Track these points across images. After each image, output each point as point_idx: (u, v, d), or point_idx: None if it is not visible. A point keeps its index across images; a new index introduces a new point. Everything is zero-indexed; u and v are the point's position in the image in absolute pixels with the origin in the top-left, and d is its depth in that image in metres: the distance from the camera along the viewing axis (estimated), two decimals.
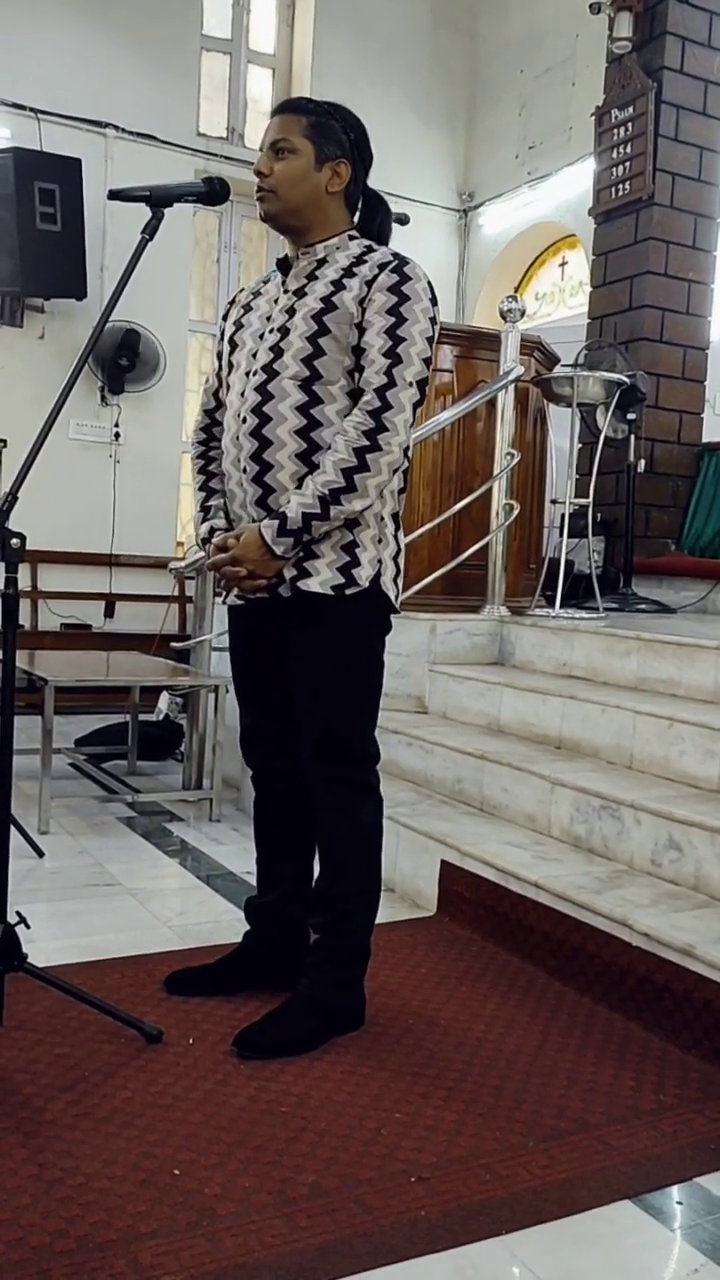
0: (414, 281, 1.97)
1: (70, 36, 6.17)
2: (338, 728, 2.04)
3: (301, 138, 2.00)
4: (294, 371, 1.97)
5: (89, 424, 6.39)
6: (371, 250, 2.03)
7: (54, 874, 3.00)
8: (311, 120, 2.02)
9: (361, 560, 1.98)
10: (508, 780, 3.01)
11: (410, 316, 1.95)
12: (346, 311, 1.96)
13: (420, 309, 1.96)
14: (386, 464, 1.92)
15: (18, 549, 1.86)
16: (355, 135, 2.06)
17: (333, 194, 2.04)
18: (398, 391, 1.92)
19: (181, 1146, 1.65)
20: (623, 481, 5.26)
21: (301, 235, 2.06)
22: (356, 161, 2.07)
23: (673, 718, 2.85)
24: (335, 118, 2.04)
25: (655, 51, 5.47)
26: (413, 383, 1.94)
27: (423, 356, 1.96)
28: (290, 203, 2.02)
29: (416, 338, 1.95)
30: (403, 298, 1.95)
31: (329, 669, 2.02)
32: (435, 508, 4.05)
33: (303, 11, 7.04)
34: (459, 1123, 1.76)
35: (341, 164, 2.03)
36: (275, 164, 2.01)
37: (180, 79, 6.57)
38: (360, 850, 2.08)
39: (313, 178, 2.01)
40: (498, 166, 7.20)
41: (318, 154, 2.01)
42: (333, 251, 2.04)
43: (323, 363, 1.96)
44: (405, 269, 1.98)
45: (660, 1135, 1.76)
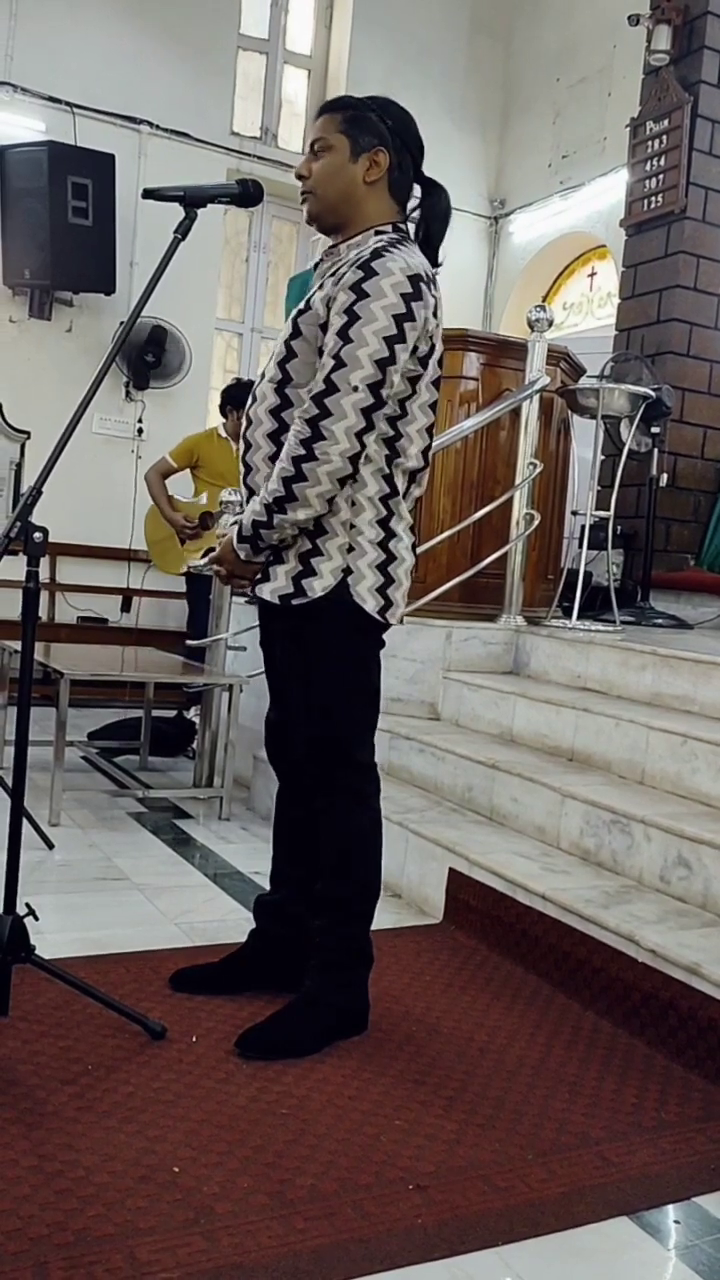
0: (379, 278, 1.86)
1: (107, 32, 6.20)
2: (324, 735, 2.04)
3: (337, 133, 1.99)
4: (271, 374, 1.99)
5: (113, 419, 6.41)
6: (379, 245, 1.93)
7: (63, 866, 3.02)
8: (348, 115, 2.00)
9: (320, 570, 1.94)
10: (518, 790, 3.01)
11: (365, 315, 1.85)
12: (315, 313, 1.94)
13: (380, 306, 1.85)
14: (326, 473, 1.86)
15: (40, 543, 1.87)
16: (394, 122, 2.01)
17: (372, 184, 2.00)
18: (339, 398, 1.85)
19: (182, 1144, 1.65)
20: (644, 495, 5.25)
21: (340, 232, 2.04)
22: (401, 149, 2.01)
23: (687, 734, 2.85)
24: (372, 108, 2.01)
25: (693, 65, 5.46)
26: (358, 386, 1.84)
27: (376, 358, 1.85)
28: (328, 200, 2.01)
29: (369, 338, 1.85)
30: (361, 295, 1.86)
31: (304, 676, 2.03)
32: (455, 515, 4.04)
33: (340, 13, 7.06)
34: (459, 1132, 1.76)
35: (380, 152, 1.99)
36: (313, 163, 2.00)
37: (216, 78, 6.59)
38: (349, 856, 2.07)
39: (348, 171, 1.98)
40: (530, 174, 7.20)
41: (353, 146, 1.98)
42: (351, 249, 1.99)
43: (294, 365, 1.96)
44: (374, 264, 1.87)
45: (660, 1153, 1.76)
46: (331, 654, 2.00)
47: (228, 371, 7.11)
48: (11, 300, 6.10)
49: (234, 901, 2.84)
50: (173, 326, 6.27)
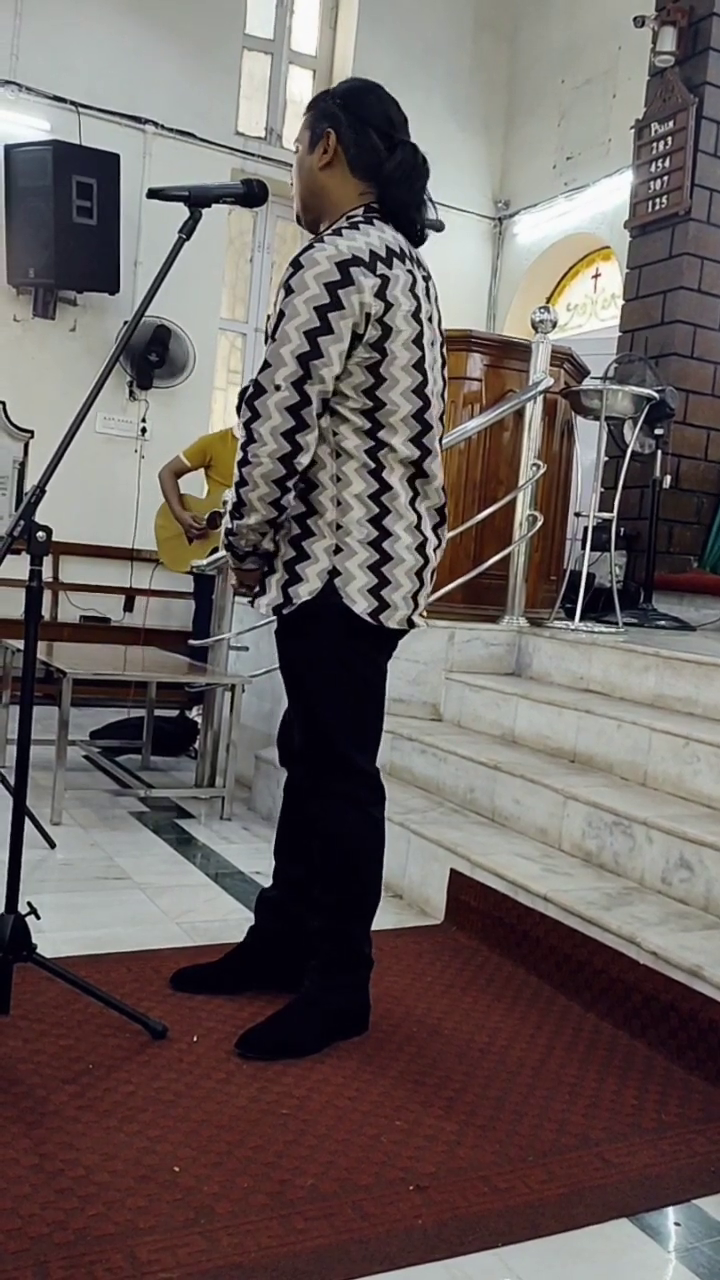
0: (304, 271, 1.82)
1: (113, 31, 6.20)
2: (316, 740, 2.03)
3: (302, 131, 2.01)
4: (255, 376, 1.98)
5: (116, 418, 6.41)
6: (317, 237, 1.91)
7: (65, 865, 3.02)
8: (311, 112, 2.01)
9: (305, 575, 1.92)
10: (520, 792, 3.00)
11: (289, 312, 1.82)
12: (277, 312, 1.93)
13: (302, 300, 1.81)
14: (260, 475, 1.84)
15: (43, 542, 1.87)
16: (341, 99, 1.96)
17: (327, 169, 1.96)
18: (265, 399, 1.82)
19: (182, 1144, 1.65)
20: (647, 496, 5.24)
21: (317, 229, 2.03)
22: (356, 124, 1.94)
23: (689, 736, 2.84)
24: (327, 94, 1.99)
25: (698, 67, 5.45)
26: (281, 385, 1.81)
27: (298, 353, 1.81)
28: (301, 199, 2.02)
29: (291, 334, 1.81)
30: (287, 292, 1.83)
31: (299, 684, 2.02)
32: (458, 516, 4.05)
33: (346, 13, 7.06)
34: (459, 1133, 1.76)
35: (327, 134, 1.95)
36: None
37: (221, 77, 6.59)
38: (341, 860, 2.05)
39: (307, 162, 1.99)
40: (534, 175, 7.19)
41: (310, 138, 1.99)
42: None
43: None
44: (301, 258, 1.84)
45: (660, 1155, 1.75)
46: (319, 657, 1.97)
47: (231, 371, 7.11)
48: (15, 299, 6.11)
49: (235, 901, 2.84)
50: (176, 326, 6.27)
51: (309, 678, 2.01)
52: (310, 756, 2.05)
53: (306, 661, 2.00)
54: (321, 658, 1.97)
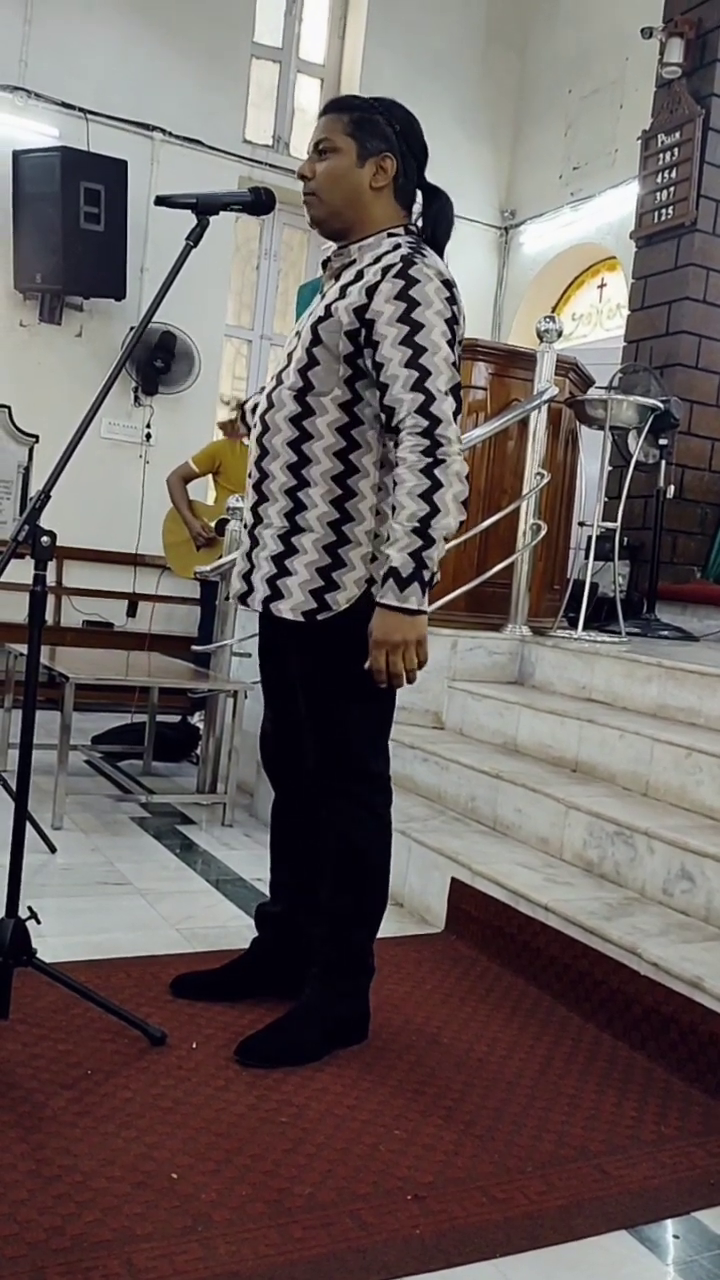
0: (423, 284, 1.85)
1: (121, 38, 6.23)
2: (335, 745, 2.02)
3: (343, 136, 1.95)
4: (291, 381, 1.95)
5: (121, 423, 6.43)
6: (396, 249, 1.91)
7: (65, 870, 3.02)
8: (354, 117, 1.96)
9: (343, 583, 1.92)
10: (522, 801, 3.00)
11: (426, 322, 1.84)
12: (338, 320, 1.89)
13: (434, 312, 1.85)
14: (455, 474, 1.82)
15: (48, 547, 1.87)
16: (401, 126, 1.98)
17: (378, 190, 1.97)
18: (439, 404, 1.83)
19: (180, 1150, 1.65)
20: (651, 506, 5.24)
21: (344, 237, 2.01)
22: (406, 155, 1.98)
23: (691, 747, 2.84)
24: (379, 111, 1.97)
25: (705, 78, 5.46)
26: (446, 391, 1.84)
27: (449, 361, 1.86)
28: (332, 204, 1.97)
29: (439, 342, 1.84)
30: (412, 303, 1.84)
31: (323, 689, 2.00)
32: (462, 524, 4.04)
33: (354, 22, 7.08)
34: (457, 1143, 1.76)
35: (386, 158, 1.96)
36: (318, 164, 1.97)
37: (229, 85, 6.61)
38: (356, 868, 2.05)
39: (354, 176, 1.95)
40: (541, 185, 7.21)
41: (360, 151, 1.95)
42: (364, 252, 1.97)
43: (316, 373, 1.92)
44: (412, 270, 1.86)
45: (660, 1167, 1.75)
46: (348, 663, 1.95)
47: (237, 378, 7.12)
48: (22, 304, 6.13)
49: (236, 907, 2.84)
50: (182, 333, 6.28)
51: (334, 683, 1.98)
52: (327, 762, 2.03)
53: (334, 667, 1.97)
54: (350, 664, 1.94)
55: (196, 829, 3.65)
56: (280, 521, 1.97)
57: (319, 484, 1.93)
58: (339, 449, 1.93)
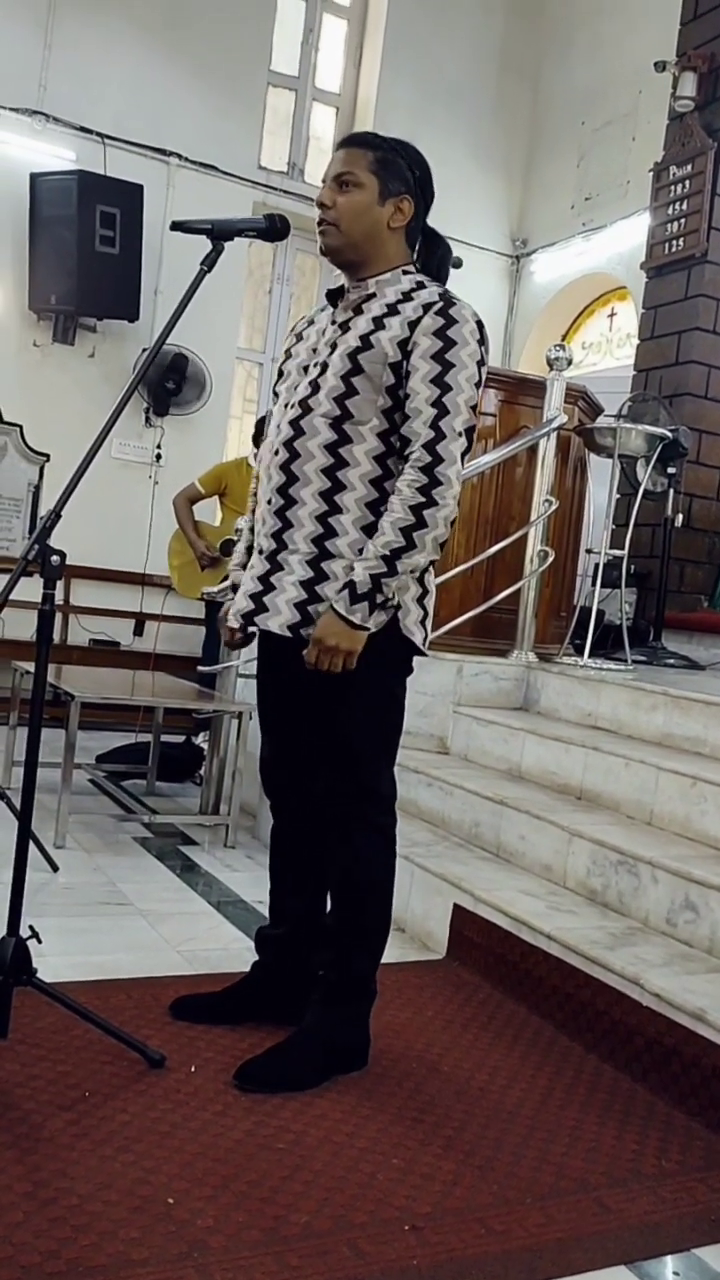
0: (461, 325, 1.94)
1: (140, 65, 6.31)
2: (351, 767, 2.03)
3: (367, 172, 2.01)
4: (326, 409, 1.97)
5: (131, 444, 6.46)
6: (421, 287, 2.01)
7: (67, 890, 3.01)
8: (378, 155, 2.02)
9: None
10: (526, 828, 2.99)
11: (457, 363, 1.92)
12: (381, 351, 1.95)
13: (468, 354, 1.93)
14: (443, 518, 1.91)
15: (57, 566, 1.88)
16: (420, 173, 2.07)
17: (394, 230, 2.04)
18: (447, 444, 1.91)
19: (177, 1175, 1.64)
20: (659, 535, 5.25)
21: (358, 269, 2.06)
22: (419, 198, 2.06)
23: (697, 776, 2.83)
24: (401, 154, 2.05)
25: (717, 112, 5.52)
26: (461, 432, 1.92)
27: (470, 404, 1.94)
28: (352, 237, 2.02)
29: (464, 385, 1.93)
30: (449, 343, 1.93)
31: (343, 712, 2.01)
32: (470, 550, 4.06)
33: (370, 53, 7.16)
34: (456, 1173, 1.74)
35: (404, 200, 2.03)
36: (339, 196, 2.01)
37: (245, 112, 6.69)
38: (367, 890, 2.06)
39: (375, 213, 2.02)
40: (553, 215, 7.27)
41: (382, 189, 2.01)
42: (383, 286, 2.03)
43: (354, 402, 1.96)
44: (452, 310, 1.95)
45: (660, 1202, 1.73)
46: (376, 688, 2.00)
47: (248, 400, 7.16)
48: (36, 325, 6.18)
49: (237, 930, 2.83)
50: (194, 355, 6.33)
51: (357, 705, 2.00)
52: (342, 783, 2.04)
53: (359, 689, 1.98)
54: (375, 686, 2.00)
55: (199, 850, 3.64)
56: (308, 547, 1.99)
57: (351, 510, 1.97)
58: (374, 477, 1.97)
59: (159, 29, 6.35)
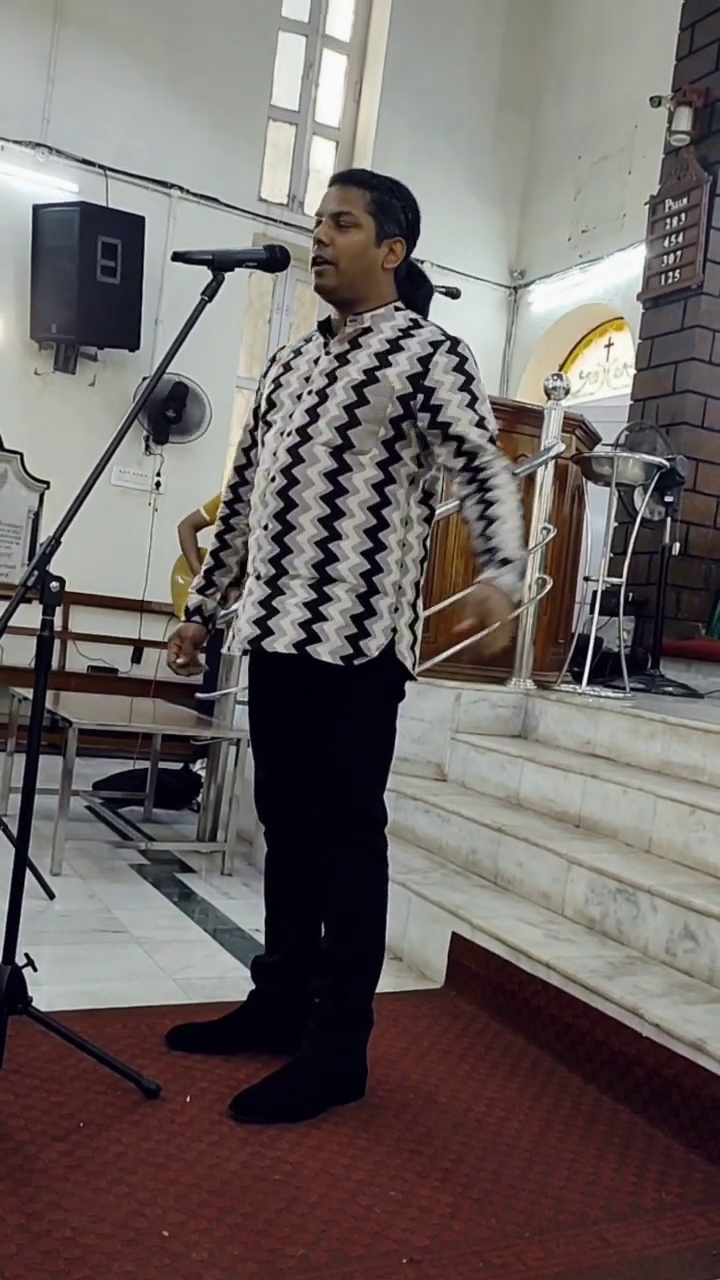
0: (469, 360, 2.06)
1: (142, 98, 6.39)
2: (346, 791, 2.05)
3: (365, 213, 2.04)
4: (327, 438, 2.00)
5: (131, 471, 6.49)
6: (418, 325, 2.07)
7: (63, 917, 3.00)
8: (375, 196, 2.06)
9: (373, 630, 2.00)
10: (524, 855, 2.98)
11: (480, 395, 2.06)
12: (388, 385, 1.99)
13: (480, 384, 2.07)
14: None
15: (56, 592, 1.88)
16: (413, 216, 2.12)
17: (387, 270, 2.09)
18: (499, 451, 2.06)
19: (172, 1207, 1.62)
20: (656, 563, 5.27)
21: (348, 306, 2.10)
22: (410, 242, 2.12)
23: (695, 804, 2.83)
24: (396, 196, 2.09)
25: (712, 146, 5.59)
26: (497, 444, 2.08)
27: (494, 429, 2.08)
28: (348, 277, 2.06)
29: (489, 412, 2.07)
30: (469, 377, 2.04)
31: (338, 734, 2.03)
32: (468, 577, 4.06)
33: (369, 87, 7.26)
34: (454, 1206, 1.73)
35: (398, 242, 2.08)
36: (337, 235, 2.04)
37: (246, 146, 6.77)
38: (362, 914, 2.07)
39: (371, 254, 2.06)
40: (550, 247, 7.34)
41: (379, 231, 2.05)
42: (379, 321, 2.07)
43: (356, 432, 1.99)
44: (460, 349, 2.06)
45: (660, 1235, 1.71)
46: (372, 711, 2.05)
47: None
48: (38, 353, 6.22)
49: (233, 958, 2.81)
50: (194, 383, 6.37)
51: (354, 727, 2.04)
52: (336, 806, 2.05)
53: (357, 712, 2.03)
54: (372, 709, 2.06)
55: (196, 877, 3.63)
56: (309, 572, 2.01)
57: (350, 536, 2.00)
58: (373, 504, 2.01)
59: (161, 63, 6.44)
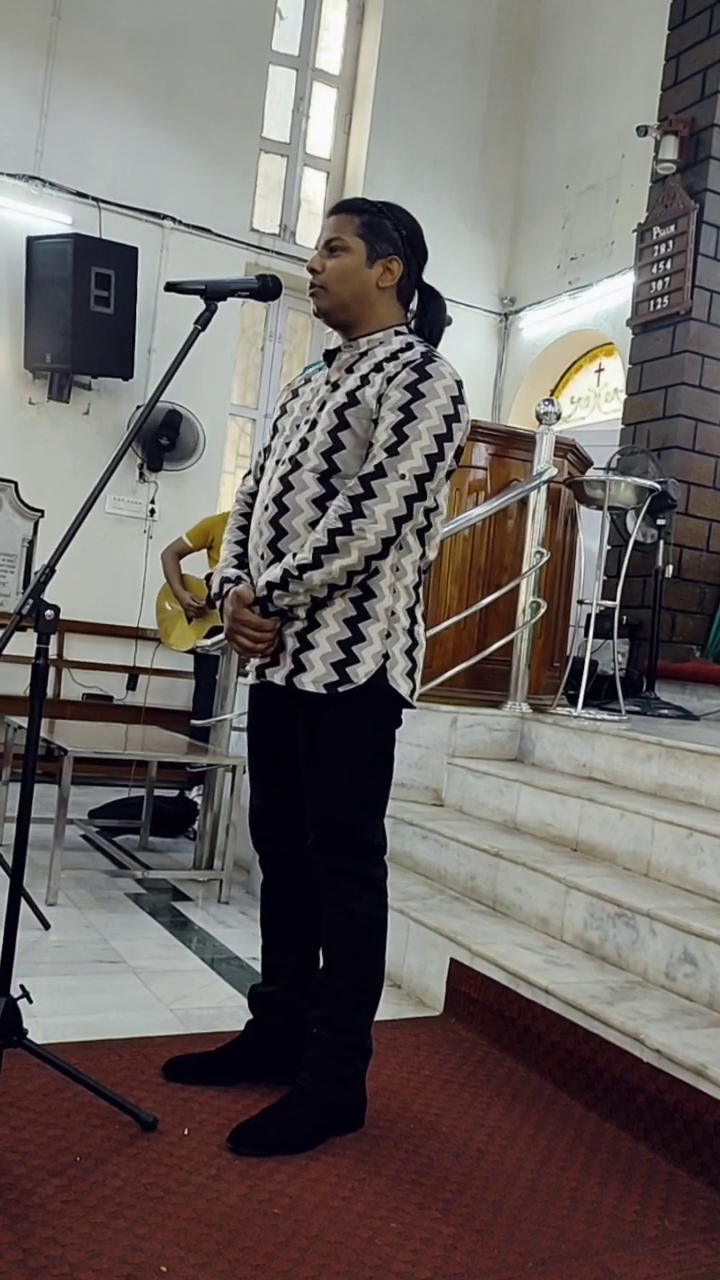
0: (433, 380, 1.96)
1: (134, 131, 6.46)
2: (340, 820, 2.02)
3: (354, 236, 2.06)
4: (314, 464, 2.01)
5: (126, 499, 6.50)
6: (410, 347, 2.04)
7: (59, 947, 2.97)
8: (364, 219, 2.08)
9: (362, 656, 1.97)
10: (522, 880, 2.97)
11: (420, 414, 1.94)
12: (366, 407, 1.98)
13: (434, 406, 1.95)
14: (358, 548, 1.91)
15: (51, 620, 1.88)
16: (407, 232, 2.11)
17: (384, 290, 2.09)
18: (385, 482, 1.92)
19: (170, 1241, 1.60)
20: (650, 585, 5.28)
21: (350, 330, 2.11)
22: (409, 258, 2.11)
23: (693, 827, 2.82)
24: (388, 216, 2.10)
25: (699, 174, 5.65)
26: (406, 475, 1.92)
27: (427, 453, 1.93)
28: (340, 298, 2.07)
29: (423, 433, 1.93)
30: (417, 395, 1.95)
31: (331, 762, 2.01)
32: (463, 601, 4.07)
33: (359, 120, 7.35)
34: (455, 1237, 1.71)
35: (393, 261, 2.08)
36: (328, 260, 2.07)
37: (238, 177, 6.83)
38: (360, 945, 2.04)
39: (363, 274, 2.06)
40: (540, 274, 7.41)
41: (369, 251, 2.06)
42: (374, 346, 2.07)
43: (341, 457, 1.99)
44: (428, 367, 1.98)
45: (664, 1264, 1.69)
46: (363, 739, 2.02)
47: (241, 456, 7.23)
48: (32, 383, 6.25)
49: (231, 988, 2.79)
50: (188, 411, 6.40)
51: (345, 756, 2.01)
52: (331, 836, 2.03)
53: (347, 740, 2.00)
54: (363, 737, 2.02)
55: (192, 905, 3.60)
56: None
57: None
58: None
59: (153, 96, 6.51)
